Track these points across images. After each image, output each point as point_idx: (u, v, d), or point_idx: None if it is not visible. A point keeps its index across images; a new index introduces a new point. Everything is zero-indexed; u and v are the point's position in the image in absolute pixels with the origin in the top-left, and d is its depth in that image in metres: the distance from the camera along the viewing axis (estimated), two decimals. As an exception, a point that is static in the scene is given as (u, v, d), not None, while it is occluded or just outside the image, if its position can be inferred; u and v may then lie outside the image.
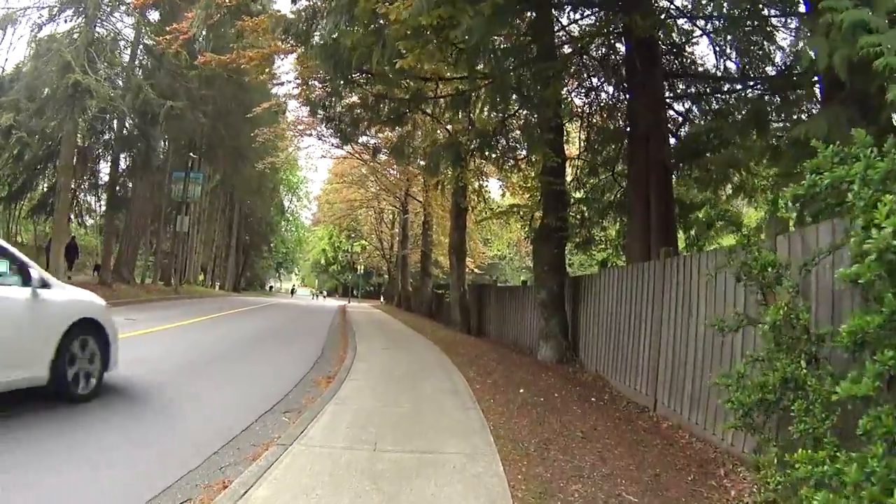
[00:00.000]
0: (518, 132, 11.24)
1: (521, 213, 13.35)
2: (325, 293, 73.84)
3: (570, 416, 5.97)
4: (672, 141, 10.49)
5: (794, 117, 8.78)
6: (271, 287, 79.25)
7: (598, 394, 7.79)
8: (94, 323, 5.50)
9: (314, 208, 62.21)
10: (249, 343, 10.74)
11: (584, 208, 11.86)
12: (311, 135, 25.77)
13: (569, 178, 12.00)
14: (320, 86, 9.35)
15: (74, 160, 18.44)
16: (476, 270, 34.22)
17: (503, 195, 25.38)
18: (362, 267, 59.40)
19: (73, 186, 19.72)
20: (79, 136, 18.95)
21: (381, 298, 56.61)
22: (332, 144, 26.17)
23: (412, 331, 15.11)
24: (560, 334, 10.14)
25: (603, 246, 12.70)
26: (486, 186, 17.17)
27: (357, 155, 27.82)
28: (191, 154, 29.12)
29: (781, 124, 8.88)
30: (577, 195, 12.19)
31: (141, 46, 20.60)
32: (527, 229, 13.50)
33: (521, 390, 7.01)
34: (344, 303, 45.60)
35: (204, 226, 41.53)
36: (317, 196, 58.80)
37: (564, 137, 11.73)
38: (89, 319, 5.43)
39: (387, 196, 35.04)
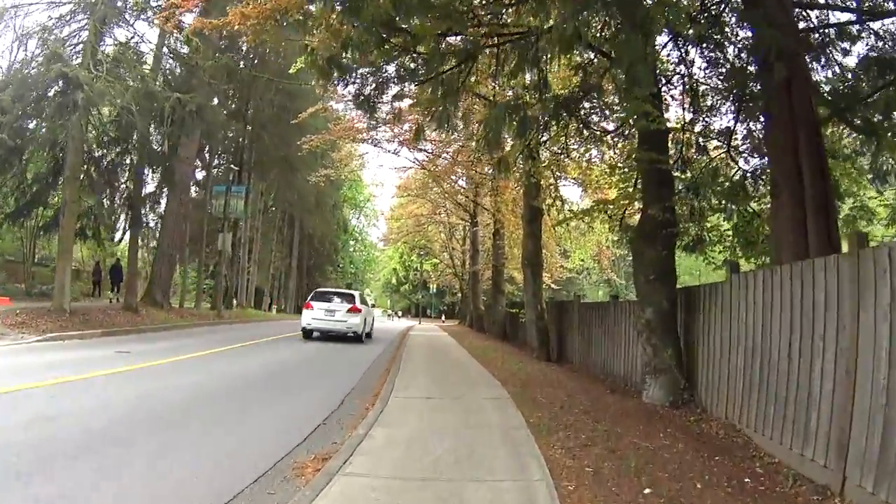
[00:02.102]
0: (603, 99, 8.71)
1: (609, 210, 10.73)
2: (399, 313, 73.42)
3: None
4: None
5: None
6: (339, 309, 78.60)
7: (744, 463, 5.21)
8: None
9: (382, 227, 61.78)
10: (235, 392, 7.79)
11: (693, 197, 9.15)
12: (365, 141, 24.24)
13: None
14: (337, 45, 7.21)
15: (85, 171, 17.08)
16: (553, 286, 31.39)
17: (581, 199, 22.82)
18: (434, 286, 58.19)
19: (92, 202, 18.46)
20: (93, 144, 17.78)
21: (451, 318, 55.21)
22: (389, 151, 24.46)
23: (476, 363, 12.59)
24: (675, 367, 7.54)
25: (720, 246, 9.88)
26: (562, 181, 14.75)
27: (414, 159, 26.20)
28: (231, 166, 27.93)
29: None
30: (682, 177, 9.48)
31: (165, 49, 19.37)
32: (617, 230, 10.92)
33: (648, 490, 4.17)
34: (413, 323, 44.43)
35: (258, 245, 40.70)
36: (383, 213, 58.29)
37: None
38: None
39: (454, 209, 33.19)
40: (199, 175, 30.95)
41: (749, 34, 7.89)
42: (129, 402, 6.50)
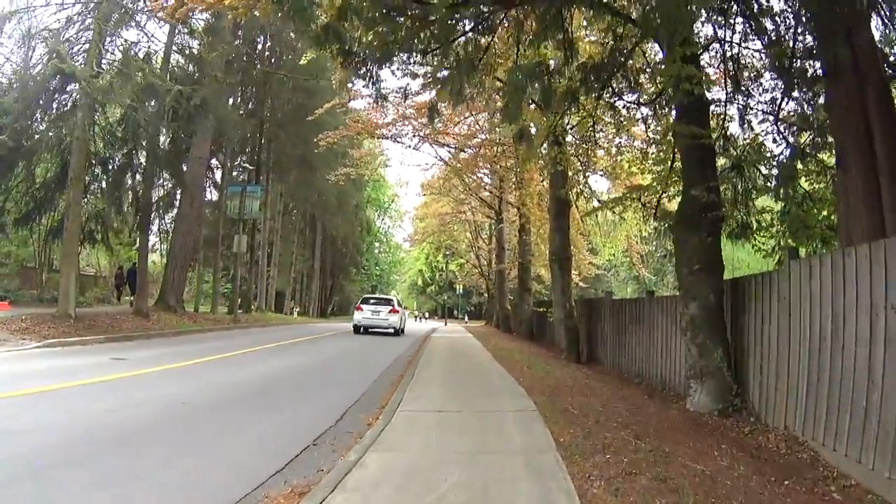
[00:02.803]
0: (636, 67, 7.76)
1: (643, 197, 9.77)
2: (426, 314, 72.99)
3: None
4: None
5: None
6: (368, 312, 78.24)
7: (818, 487, 4.31)
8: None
9: (407, 228, 61.41)
10: (221, 405, 6.89)
11: (737, 177, 8.18)
12: (385, 137, 23.59)
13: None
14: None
15: (91, 173, 16.63)
16: (581, 284, 30.27)
17: (609, 192, 21.70)
18: (461, 286, 57.53)
19: (102, 206, 18.02)
20: (100, 145, 17.29)
21: (478, 319, 54.62)
22: (410, 146, 23.71)
23: (499, 367, 11.45)
24: (724, 369, 6.61)
25: (766, 233, 8.83)
26: (590, 172, 13.75)
27: (436, 155, 25.49)
28: (245, 165, 27.41)
29: None
30: (725, 156, 8.48)
31: (175, 47, 18.93)
32: (652, 219, 9.96)
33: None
34: (438, 325, 43.98)
35: (278, 247, 40.26)
36: (407, 212, 57.99)
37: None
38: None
39: (479, 206, 32.37)
40: (218, 177, 30.56)
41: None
42: (94, 418, 5.66)
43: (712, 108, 8.30)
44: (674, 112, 8.10)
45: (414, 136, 22.93)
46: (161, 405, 6.64)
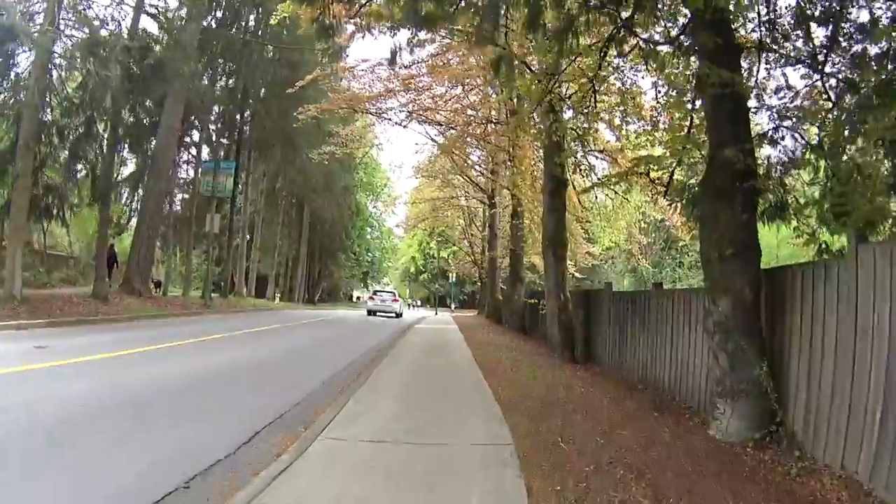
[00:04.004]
0: None
1: (651, 171, 8.18)
2: (419, 302, 71.91)
3: None
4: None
5: None
6: (358, 298, 77.00)
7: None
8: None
9: (400, 214, 60.21)
10: (105, 416, 5.25)
11: (770, 142, 6.60)
12: (370, 112, 21.98)
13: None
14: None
15: (46, 142, 15.09)
16: (577, 274, 28.69)
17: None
18: (454, 275, 56.35)
19: (59, 179, 16.48)
20: (56, 113, 15.70)
21: (472, 308, 53.81)
22: (397, 123, 22.10)
23: (478, 371, 9.58)
24: (765, 385, 5.08)
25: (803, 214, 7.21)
26: (592, 141, 12.12)
27: (425, 133, 23.92)
28: (221, 140, 25.73)
29: None
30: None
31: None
32: (663, 197, 8.39)
33: None
34: (427, 314, 43.61)
35: (261, 229, 38.66)
36: (399, 197, 56.91)
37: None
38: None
39: (473, 190, 30.95)
40: (202, 155, 28.90)
41: None
42: None
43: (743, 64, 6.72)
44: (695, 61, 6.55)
45: (401, 110, 21.41)
46: (43, 410, 5.29)
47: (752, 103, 7.07)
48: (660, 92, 8.91)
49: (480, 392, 7.45)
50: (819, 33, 7.01)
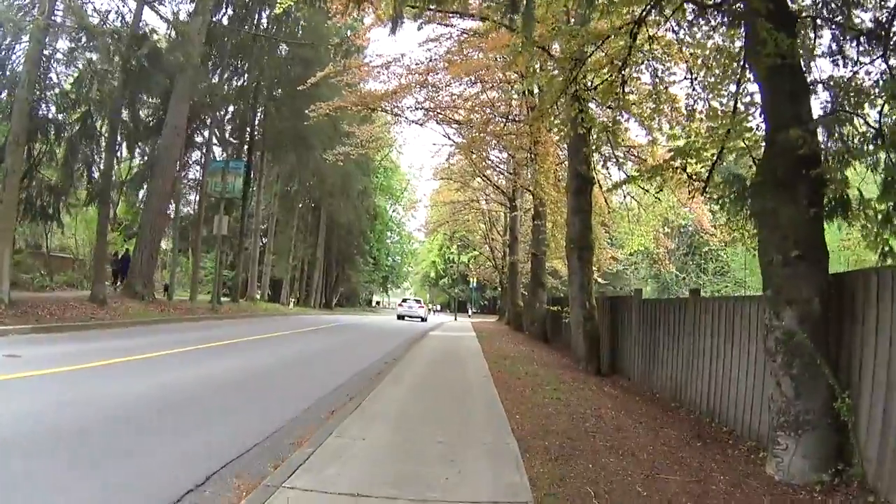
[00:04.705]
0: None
1: (693, 161, 7.23)
2: (438, 307, 71.25)
3: None
4: None
5: None
6: (378, 303, 76.47)
7: None
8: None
9: (421, 217, 59.86)
10: (57, 439, 4.60)
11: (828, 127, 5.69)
12: (385, 110, 21.29)
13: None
14: None
15: (42, 139, 14.61)
16: (600, 280, 27.58)
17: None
18: (474, 279, 55.62)
19: (57, 177, 15.99)
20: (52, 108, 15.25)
21: (493, 313, 52.82)
22: (414, 122, 21.41)
23: (493, 388, 8.44)
24: (839, 418, 4.18)
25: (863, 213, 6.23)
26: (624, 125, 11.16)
27: (444, 133, 23.23)
28: (230, 139, 25.21)
29: None
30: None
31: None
32: (701, 193, 7.48)
33: None
34: (446, 319, 44.29)
35: (274, 233, 38.27)
36: (419, 200, 56.57)
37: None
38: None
39: (494, 193, 30.31)
40: (211, 156, 28.47)
41: None
42: None
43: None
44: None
45: (417, 108, 20.71)
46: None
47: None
48: (696, 78, 8.02)
49: (493, 419, 6.35)
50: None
